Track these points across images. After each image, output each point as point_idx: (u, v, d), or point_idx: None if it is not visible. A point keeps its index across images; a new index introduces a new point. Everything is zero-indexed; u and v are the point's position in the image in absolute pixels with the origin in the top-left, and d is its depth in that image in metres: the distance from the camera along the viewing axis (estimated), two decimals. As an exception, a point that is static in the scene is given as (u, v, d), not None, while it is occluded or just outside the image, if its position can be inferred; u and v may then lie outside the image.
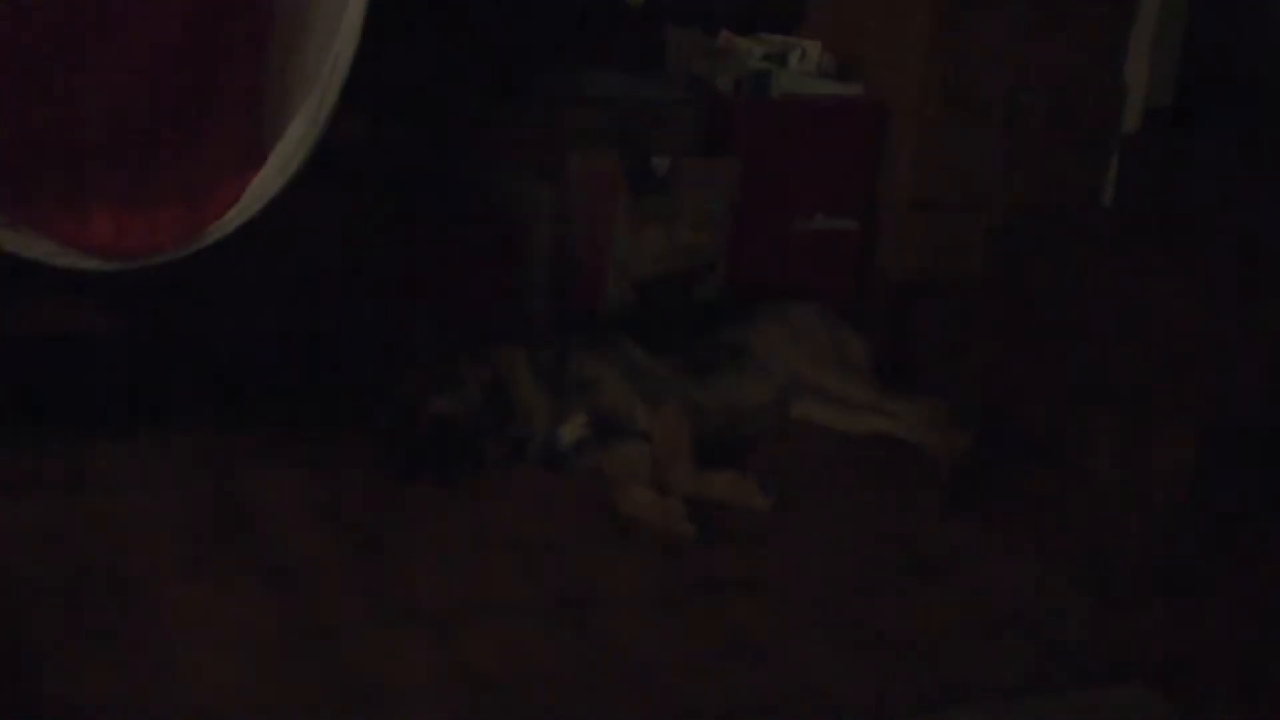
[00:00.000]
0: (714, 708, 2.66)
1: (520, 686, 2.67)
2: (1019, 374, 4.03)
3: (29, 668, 2.58)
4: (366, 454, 3.46)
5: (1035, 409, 3.95)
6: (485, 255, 4.05)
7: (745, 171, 4.25)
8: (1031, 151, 4.54)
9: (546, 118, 4.19)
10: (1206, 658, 2.99)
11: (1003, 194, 4.54)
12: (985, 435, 3.75)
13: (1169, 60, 4.66)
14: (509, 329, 3.85)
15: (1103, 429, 3.76)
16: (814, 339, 3.95)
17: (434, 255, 3.90)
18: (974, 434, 3.73)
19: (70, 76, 3.24)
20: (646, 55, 4.59)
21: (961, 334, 4.27)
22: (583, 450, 3.55)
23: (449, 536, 3.22)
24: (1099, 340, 4.05)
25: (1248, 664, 2.98)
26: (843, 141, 4.43)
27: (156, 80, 3.33)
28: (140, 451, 3.45)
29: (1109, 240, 4.42)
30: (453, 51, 4.28)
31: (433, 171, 4.15)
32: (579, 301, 4.12)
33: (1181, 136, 4.63)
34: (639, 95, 4.27)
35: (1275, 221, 4.22)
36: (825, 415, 3.90)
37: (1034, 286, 4.37)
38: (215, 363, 3.74)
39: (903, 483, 3.66)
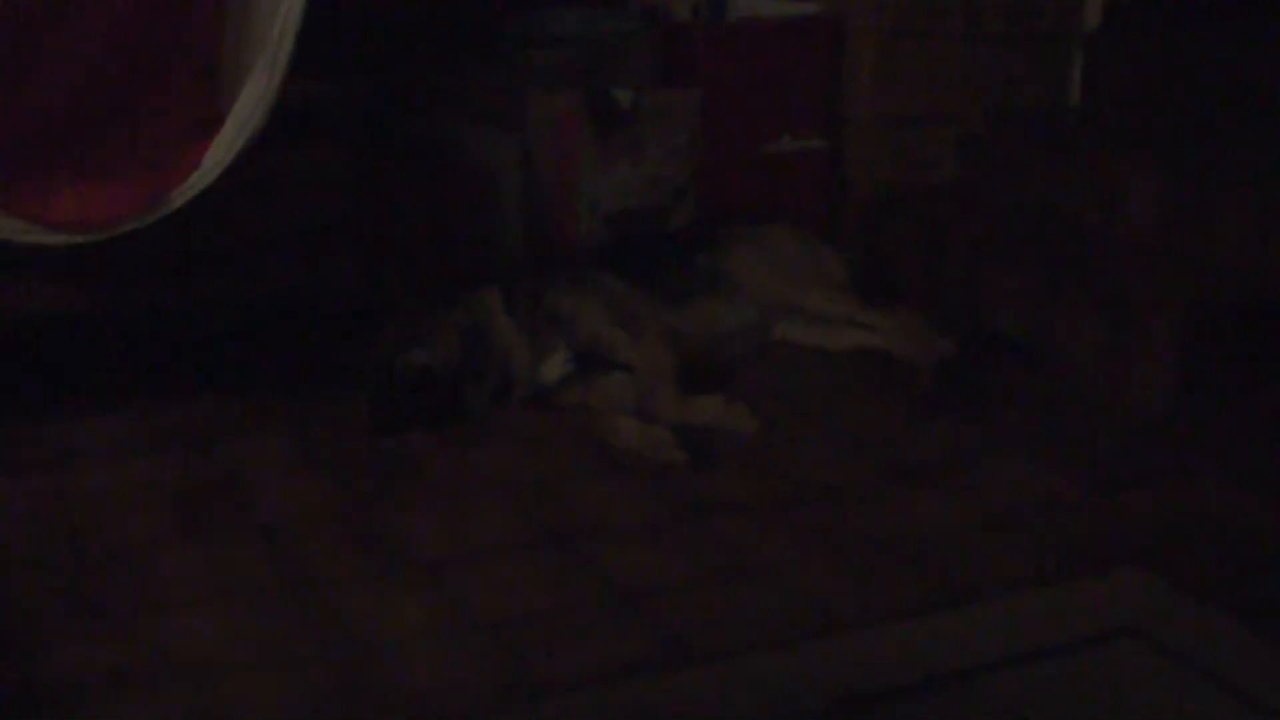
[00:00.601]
0: (711, 629, 2.65)
1: (514, 625, 2.66)
2: (997, 278, 4.02)
3: (26, 643, 2.57)
4: (351, 413, 3.45)
5: (1015, 311, 3.94)
6: (455, 204, 4.04)
7: (709, 98, 4.24)
8: (993, 57, 4.52)
9: (506, 62, 4.17)
10: (1202, 538, 3.00)
11: (968, 102, 4.53)
12: (967, 340, 3.75)
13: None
14: (484, 275, 3.83)
15: (1084, 326, 3.76)
16: (789, 259, 3.93)
17: (404, 209, 3.89)
18: (955, 340, 3.73)
19: (27, 56, 3.24)
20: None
21: (937, 243, 4.26)
22: (567, 387, 3.54)
23: (438, 484, 3.21)
24: (1074, 239, 4.04)
25: (1242, 541, 2.99)
26: (804, 61, 4.41)
27: (113, 55, 3.33)
28: (125, 424, 3.44)
29: (1078, 139, 4.40)
30: (409, 3, 4.27)
31: (397, 125, 4.13)
32: (552, 242, 4.11)
33: (1144, 32, 4.61)
34: (596, 31, 4.25)
35: (1237, 109, 4.21)
36: (805, 334, 3.89)
37: (1006, 191, 4.36)
38: (192, 332, 3.75)
39: (887, 395, 3.65)
